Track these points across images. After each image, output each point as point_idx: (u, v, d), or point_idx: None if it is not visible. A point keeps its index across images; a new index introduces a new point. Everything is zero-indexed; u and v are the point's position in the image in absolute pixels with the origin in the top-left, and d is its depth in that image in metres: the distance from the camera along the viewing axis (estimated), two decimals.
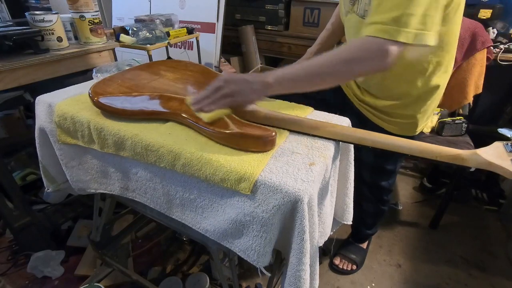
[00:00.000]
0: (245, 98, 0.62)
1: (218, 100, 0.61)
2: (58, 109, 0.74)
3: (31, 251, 1.19)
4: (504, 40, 1.39)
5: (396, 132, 0.87)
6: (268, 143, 0.58)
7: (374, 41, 0.58)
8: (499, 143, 0.53)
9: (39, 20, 1.02)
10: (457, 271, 1.24)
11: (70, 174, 0.82)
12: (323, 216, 0.65)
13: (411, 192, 1.71)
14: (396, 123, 0.87)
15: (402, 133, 0.87)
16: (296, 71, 0.61)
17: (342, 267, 1.23)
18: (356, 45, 0.61)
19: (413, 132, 0.88)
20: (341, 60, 0.60)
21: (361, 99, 0.90)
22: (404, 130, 0.87)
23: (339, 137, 0.62)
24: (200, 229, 0.64)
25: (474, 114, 1.54)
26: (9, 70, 0.94)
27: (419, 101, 0.83)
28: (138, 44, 1.43)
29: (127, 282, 1.14)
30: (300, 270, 0.56)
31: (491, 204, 1.58)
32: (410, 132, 0.87)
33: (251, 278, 1.16)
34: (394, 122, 0.87)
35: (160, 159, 0.61)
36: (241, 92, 0.61)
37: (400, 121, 0.86)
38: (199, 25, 1.89)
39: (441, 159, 0.55)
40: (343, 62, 0.60)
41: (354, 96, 0.92)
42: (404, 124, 0.86)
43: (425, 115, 0.86)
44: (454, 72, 1.37)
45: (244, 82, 0.61)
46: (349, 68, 0.60)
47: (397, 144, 0.58)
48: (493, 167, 0.51)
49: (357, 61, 0.60)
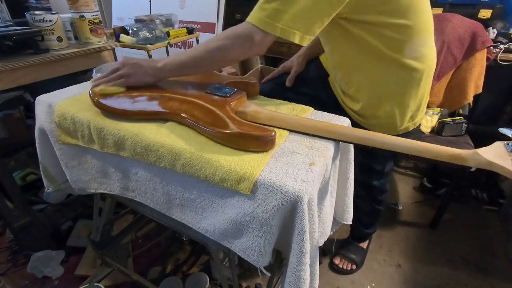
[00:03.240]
0: (138, 79, 0.72)
1: (113, 79, 0.72)
2: (58, 109, 0.74)
3: (31, 251, 1.19)
4: (504, 40, 1.39)
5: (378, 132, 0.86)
6: (268, 142, 0.58)
7: (245, 26, 0.65)
8: (500, 143, 0.53)
9: (39, 20, 1.02)
10: (457, 271, 1.24)
11: (70, 174, 0.82)
12: (323, 216, 0.65)
13: (411, 192, 1.71)
14: (374, 123, 0.85)
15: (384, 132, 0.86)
16: (181, 58, 0.70)
17: (342, 267, 1.23)
18: (230, 32, 0.67)
19: (394, 131, 0.85)
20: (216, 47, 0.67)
21: (344, 101, 0.90)
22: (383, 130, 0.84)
23: (339, 137, 0.62)
24: (200, 229, 0.65)
25: (474, 114, 1.54)
26: (9, 70, 0.94)
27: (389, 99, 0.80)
28: (138, 44, 1.43)
29: (127, 282, 1.14)
30: (300, 270, 0.56)
31: (491, 204, 1.58)
32: (391, 131, 0.84)
33: (251, 278, 1.16)
34: (371, 123, 0.85)
35: (160, 159, 0.61)
36: (134, 74, 0.72)
37: (376, 121, 0.84)
38: (199, 25, 1.89)
39: (441, 159, 0.55)
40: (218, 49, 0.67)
41: (339, 96, 0.92)
42: (382, 124, 0.84)
43: (404, 113, 0.82)
44: (454, 72, 1.37)
45: (138, 66, 0.72)
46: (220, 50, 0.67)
47: (397, 144, 0.58)
48: (494, 167, 0.51)
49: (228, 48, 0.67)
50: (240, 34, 0.66)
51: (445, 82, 1.37)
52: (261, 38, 0.65)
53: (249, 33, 0.64)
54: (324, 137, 0.63)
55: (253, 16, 0.65)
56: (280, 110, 0.73)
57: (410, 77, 0.78)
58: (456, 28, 1.30)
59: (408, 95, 0.80)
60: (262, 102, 0.78)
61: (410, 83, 0.79)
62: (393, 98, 0.81)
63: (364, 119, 0.86)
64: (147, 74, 0.72)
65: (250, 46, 0.66)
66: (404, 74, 0.77)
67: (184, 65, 0.71)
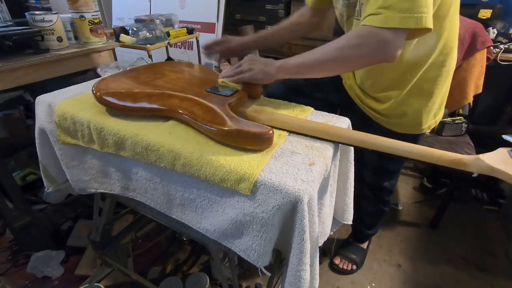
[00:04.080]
0: (253, 76, 0.71)
1: (234, 74, 0.73)
2: (58, 109, 0.74)
3: (31, 251, 1.19)
4: (504, 40, 1.39)
5: (401, 131, 0.86)
6: (266, 140, 0.58)
7: (367, 29, 0.60)
8: (504, 149, 0.52)
9: (39, 20, 1.02)
10: (457, 271, 1.24)
11: (70, 174, 0.82)
12: (323, 216, 0.65)
13: (411, 192, 1.71)
14: (399, 122, 0.86)
15: (407, 131, 0.86)
16: (298, 60, 0.67)
17: (342, 267, 1.23)
18: (351, 34, 0.63)
19: (418, 130, 0.86)
20: (338, 48, 0.63)
21: (364, 102, 0.90)
22: (408, 128, 0.86)
23: (338, 139, 0.62)
24: (200, 229, 0.65)
25: (474, 114, 1.55)
26: (9, 70, 0.94)
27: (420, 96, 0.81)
28: (138, 44, 1.43)
29: (127, 282, 1.14)
30: (300, 270, 0.56)
31: (491, 204, 1.58)
32: (416, 130, 0.86)
33: (251, 278, 1.16)
34: (396, 122, 0.86)
35: (160, 159, 0.61)
36: (251, 71, 0.71)
37: (402, 120, 0.85)
38: (199, 25, 1.89)
39: (443, 163, 0.54)
40: (340, 49, 0.63)
41: (358, 98, 0.92)
42: (408, 122, 0.85)
43: (430, 111, 0.84)
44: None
45: (257, 63, 0.71)
46: (346, 55, 0.63)
47: (397, 148, 0.57)
48: (496, 173, 0.50)
49: (353, 49, 0.62)
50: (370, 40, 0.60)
51: None
52: (397, 40, 0.58)
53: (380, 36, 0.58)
54: (324, 139, 0.63)
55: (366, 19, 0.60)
56: (280, 110, 0.73)
57: (440, 74, 0.79)
58: None
59: (437, 92, 0.81)
60: (262, 102, 0.78)
61: (439, 80, 0.80)
62: (423, 96, 0.81)
63: (388, 118, 0.86)
64: (263, 72, 0.70)
65: (384, 54, 0.60)
66: (436, 71, 0.78)
67: (303, 67, 0.67)
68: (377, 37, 0.59)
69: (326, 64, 0.65)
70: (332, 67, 0.67)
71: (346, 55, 0.63)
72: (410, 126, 0.86)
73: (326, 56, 0.64)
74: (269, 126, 0.59)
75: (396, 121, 0.86)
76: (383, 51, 0.60)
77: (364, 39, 0.60)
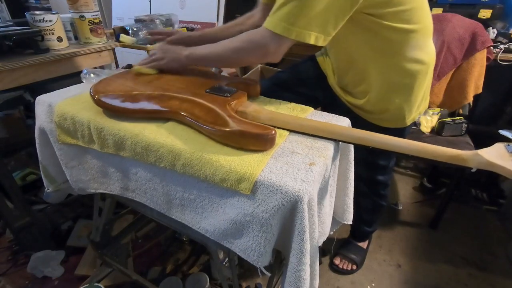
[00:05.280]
0: (167, 63, 0.80)
1: (149, 62, 0.82)
2: (58, 109, 0.74)
3: (31, 251, 1.19)
4: (504, 40, 1.39)
5: (386, 125, 0.87)
6: (268, 141, 0.58)
7: (261, 31, 0.67)
8: (501, 144, 0.53)
9: (39, 20, 1.02)
10: (457, 271, 1.24)
11: (70, 174, 0.82)
12: (323, 216, 0.65)
13: (411, 192, 1.71)
14: (383, 117, 0.87)
15: (392, 125, 0.87)
16: (204, 51, 0.76)
17: (342, 267, 1.23)
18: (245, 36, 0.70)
19: (403, 123, 0.87)
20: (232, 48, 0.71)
21: (345, 99, 0.91)
22: (392, 122, 0.87)
23: (339, 137, 0.62)
24: (200, 229, 0.65)
25: (474, 114, 1.54)
26: (9, 70, 0.94)
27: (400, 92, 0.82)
28: (138, 44, 1.43)
29: (127, 282, 1.14)
30: (300, 270, 0.56)
31: (491, 204, 1.58)
32: (400, 123, 0.87)
33: (251, 278, 1.16)
34: (380, 117, 0.87)
35: (160, 159, 0.61)
36: (165, 58, 0.80)
37: (385, 115, 0.86)
38: (199, 25, 1.89)
39: (442, 159, 0.55)
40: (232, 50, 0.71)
41: (340, 95, 0.93)
42: (391, 117, 0.86)
43: (412, 105, 0.85)
44: (454, 72, 1.37)
45: (169, 51, 0.80)
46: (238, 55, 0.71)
47: (398, 145, 0.58)
48: (494, 168, 0.51)
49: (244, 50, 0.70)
50: (255, 40, 0.68)
51: (445, 82, 1.37)
52: (276, 44, 0.65)
53: (262, 39, 0.66)
54: (324, 137, 0.63)
55: (268, 21, 0.65)
56: (280, 110, 0.73)
57: (419, 69, 0.80)
58: (456, 28, 1.30)
59: (417, 86, 0.82)
60: (262, 102, 0.78)
61: (419, 75, 0.81)
62: (403, 91, 0.82)
63: (371, 114, 0.87)
64: (174, 60, 0.79)
65: (265, 53, 0.67)
66: (414, 66, 0.79)
67: (205, 59, 0.76)
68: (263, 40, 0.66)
69: (224, 60, 0.75)
70: (229, 63, 0.80)
71: (236, 56, 0.71)
72: (394, 120, 0.87)
73: (224, 53, 0.72)
74: (270, 126, 0.60)
75: (379, 116, 0.87)
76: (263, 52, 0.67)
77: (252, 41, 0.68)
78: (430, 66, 0.83)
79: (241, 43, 0.70)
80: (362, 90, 0.85)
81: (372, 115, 0.88)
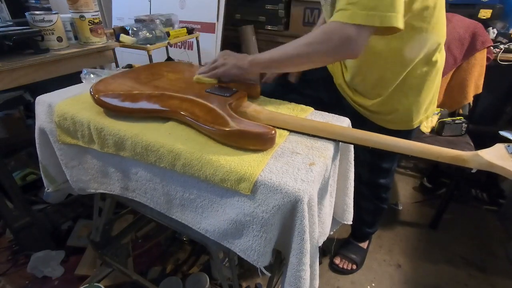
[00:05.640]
0: (226, 70, 0.75)
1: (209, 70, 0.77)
2: (58, 109, 0.74)
3: (31, 251, 1.19)
4: (504, 40, 1.39)
5: (393, 128, 0.87)
6: (268, 141, 0.58)
7: (334, 25, 0.61)
8: (501, 145, 0.53)
9: (39, 20, 1.02)
10: (457, 271, 1.24)
11: (70, 174, 0.82)
12: (323, 216, 0.65)
13: (411, 192, 1.71)
14: (390, 119, 0.86)
15: (398, 127, 0.87)
16: (268, 55, 0.70)
17: (342, 267, 1.23)
18: (319, 30, 0.63)
19: (409, 125, 0.87)
20: (305, 44, 0.65)
21: (353, 100, 0.90)
22: (399, 124, 0.87)
23: (339, 137, 0.62)
24: (200, 229, 0.65)
25: (474, 114, 1.54)
26: (9, 70, 0.94)
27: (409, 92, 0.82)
28: (138, 44, 1.43)
29: (127, 282, 1.13)
30: (300, 270, 0.56)
31: (491, 204, 1.58)
32: (407, 126, 0.87)
33: (251, 278, 1.16)
34: (387, 119, 0.86)
35: (160, 159, 0.61)
36: (224, 65, 0.75)
37: (393, 116, 0.85)
38: (199, 25, 1.89)
39: (443, 160, 0.55)
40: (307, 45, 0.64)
41: (348, 96, 0.92)
42: (398, 119, 0.86)
43: (420, 106, 0.84)
44: (454, 72, 1.37)
45: (230, 57, 0.75)
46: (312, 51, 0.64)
47: (398, 145, 0.58)
48: (494, 168, 0.51)
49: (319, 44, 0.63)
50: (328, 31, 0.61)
51: (445, 82, 1.37)
52: (360, 36, 0.59)
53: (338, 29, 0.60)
54: (324, 137, 0.63)
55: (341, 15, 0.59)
56: (280, 110, 0.73)
57: (429, 70, 0.79)
58: (456, 28, 1.30)
59: (426, 87, 0.82)
60: (262, 102, 0.78)
61: (429, 76, 0.80)
62: (413, 92, 0.82)
63: (378, 115, 0.87)
64: (236, 66, 0.74)
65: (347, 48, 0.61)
66: (425, 67, 0.78)
67: (271, 61, 0.70)
68: (341, 33, 0.60)
69: (295, 59, 0.67)
70: (300, 62, 0.68)
71: (312, 51, 0.64)
72: (401, 122, 0.86)
73: (295, 51, 0.66)
74: (270, 126, 0.60)
75: (386, 118, 0.86)
76: (345, 47, 0.60)
77: (329, 35, 0.61)
78: (440, 68, 0.82)
79: (318, 40, 0.62)
80: (376, 91, 0.84)
81: (378, 116, 0.87)
